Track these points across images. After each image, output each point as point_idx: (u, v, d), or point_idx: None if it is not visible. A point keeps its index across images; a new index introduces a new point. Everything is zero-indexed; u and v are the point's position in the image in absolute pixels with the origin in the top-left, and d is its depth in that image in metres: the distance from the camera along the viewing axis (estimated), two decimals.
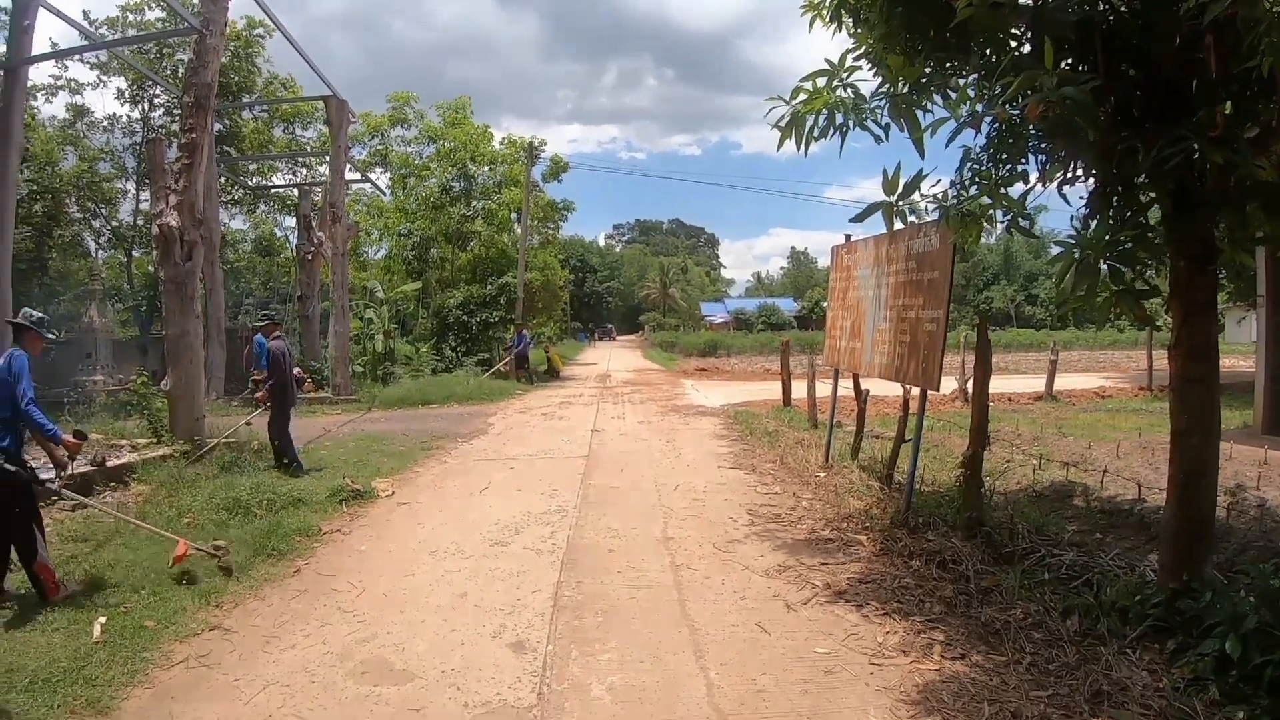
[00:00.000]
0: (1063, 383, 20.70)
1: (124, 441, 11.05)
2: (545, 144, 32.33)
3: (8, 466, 5.60)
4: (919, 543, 6.50)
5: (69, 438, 6.00)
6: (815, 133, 5.32)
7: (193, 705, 4.38)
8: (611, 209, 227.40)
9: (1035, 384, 21.08)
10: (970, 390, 16.93)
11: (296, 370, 11.33)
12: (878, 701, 4.15)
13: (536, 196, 32.59)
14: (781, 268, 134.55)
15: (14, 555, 5.75)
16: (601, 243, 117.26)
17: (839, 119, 5.32)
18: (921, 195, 5.09)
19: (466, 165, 31.62)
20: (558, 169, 34.86)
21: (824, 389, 13.46)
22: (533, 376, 26.47)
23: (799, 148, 5.27)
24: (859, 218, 5.12)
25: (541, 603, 5.82)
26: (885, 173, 4.86)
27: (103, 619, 5.30)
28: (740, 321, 77.51)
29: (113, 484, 8.88)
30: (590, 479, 10.19)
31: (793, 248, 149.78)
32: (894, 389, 9.15)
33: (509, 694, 4.41)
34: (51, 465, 6.24)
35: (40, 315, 6.20)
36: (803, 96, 5.31)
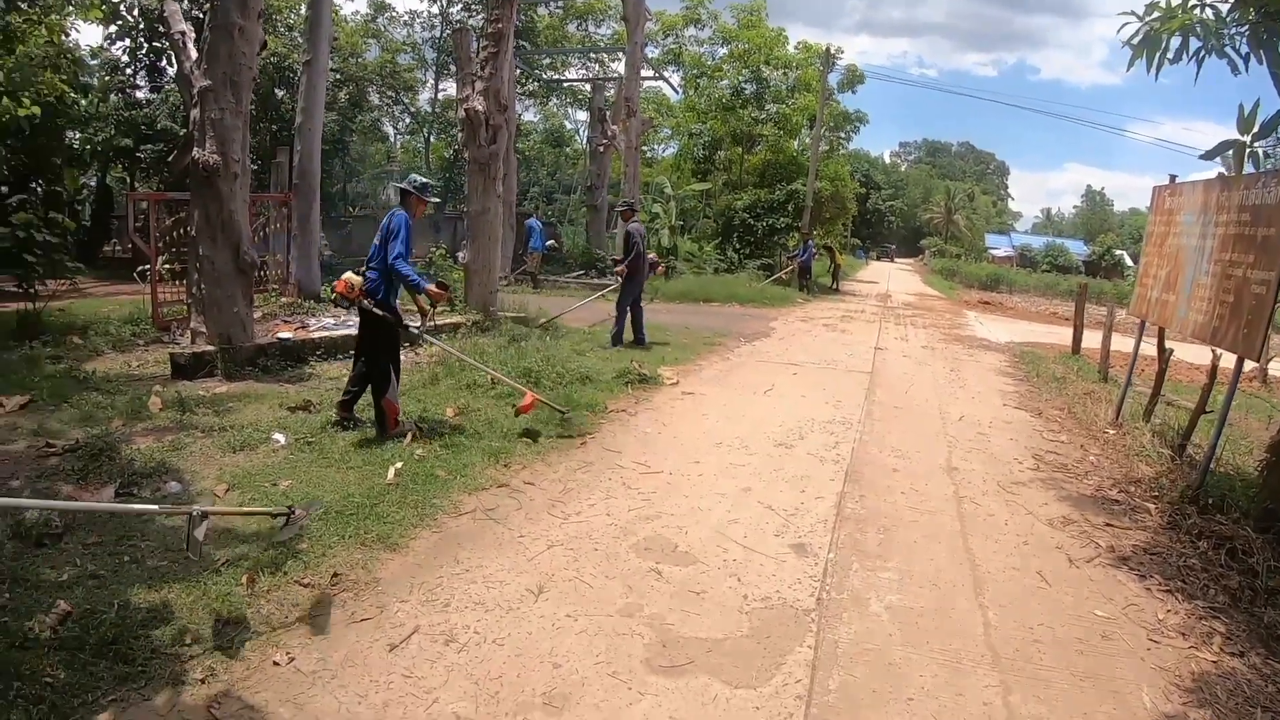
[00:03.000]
0: None
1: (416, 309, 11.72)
2: (842, 51, 30.84)
3: (375, 310, 6.15)
4: (1209, 524, 5.70)
5: (432, 287, 6.38)
6: (1169, 55, 4.66)
7: (478, 553, 4.46)
8: (898, 126, 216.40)
9: None
10: (1270, 372, 14.63)
11: (651, 255, 11.98)
12: (1152, 680, 3.85)
13: (830, 105, 31.23)
14: (1075, 206, 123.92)
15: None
16: (887, 160, 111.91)
17: (1194, 43, 4.59)
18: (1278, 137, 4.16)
19: (760, 68, 30.67)
20: (853, 79, 33.35)
21: (1118, 342, 12.32)
22: (813, 288, 25.72)
23: (1149, 70, 4.67)
24: (1209, 154, 4.36)
25: (824, 509, 5.63)
26: (1241, 109, 3.99)
27: (398, 464, 5.52)
28: (1024, 258, 71.43)
29: (405, 345, 9.31)
30: (874, 395, 9.74)
31: (1089, 186, 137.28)
32: (1192, 353, 8.35)
33: (788, 593, 4.33)
34: (418, 313, 7.00)
35: (425, 181, 6.55)
36: (1156, 14, 4.64)
